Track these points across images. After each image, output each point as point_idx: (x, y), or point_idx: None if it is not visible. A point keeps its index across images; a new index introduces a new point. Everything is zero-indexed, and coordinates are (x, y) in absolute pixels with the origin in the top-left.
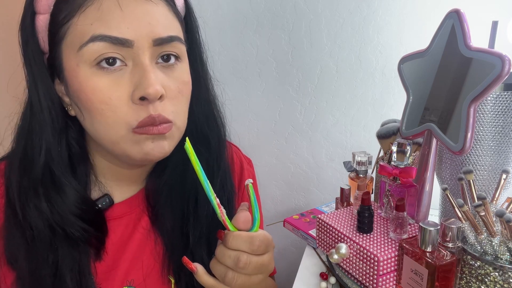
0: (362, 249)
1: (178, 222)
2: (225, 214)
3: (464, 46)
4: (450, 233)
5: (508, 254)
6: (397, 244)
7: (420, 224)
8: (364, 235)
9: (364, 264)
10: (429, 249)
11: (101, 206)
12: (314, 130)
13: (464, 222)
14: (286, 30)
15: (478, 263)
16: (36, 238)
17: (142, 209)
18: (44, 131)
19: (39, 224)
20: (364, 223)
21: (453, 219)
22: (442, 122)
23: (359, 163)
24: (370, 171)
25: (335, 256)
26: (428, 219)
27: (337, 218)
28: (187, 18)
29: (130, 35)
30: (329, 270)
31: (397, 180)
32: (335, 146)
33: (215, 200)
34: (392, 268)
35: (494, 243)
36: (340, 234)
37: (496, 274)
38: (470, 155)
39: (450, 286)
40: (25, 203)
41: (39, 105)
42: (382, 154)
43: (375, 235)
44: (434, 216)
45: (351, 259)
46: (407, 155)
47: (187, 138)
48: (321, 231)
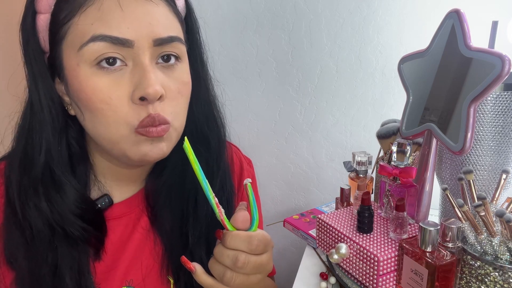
0: (362, 249)
1: (177, 222)
2: (223, 214)
3: (464, 46)
4: (450, 233)
5: (508, 254)
6: (397, 244)
7: (420, 224)
8: (364, 235)
9: (364, 264)
10: (429, 249)
11: (100, 206)
12: (314, 130)
13: (464, 222)
14: (286, 30)
15: (478, 263)
16: (35, 237)
17: (141, 209)
18: (44, 130)
19: (39, 223)
20: (364, 223)
21: (453, 219)
22: (442, 122)
23: (359, 163)
24: (370, 171)
25: (335, 256)
26: (428, 219)
27: (337, 218)
28: (188, 18)
29: (130, 35)
30: (329, 270)
31: (397, 180)
32: (335, 146)
33: (213, 199)
34: (392, 268)
35: (494, 243)
36: (340, 234)
37: (496, 274)
38: (470, 155)
39: (450, 286)
40: (24, 202)
41: (40, 104)
42: (382, 154)
43: (375, 235)
44: (434, 216)
45: (351, 259)
46: (407, 155)
47: (186, 138)
48: (321, 231)
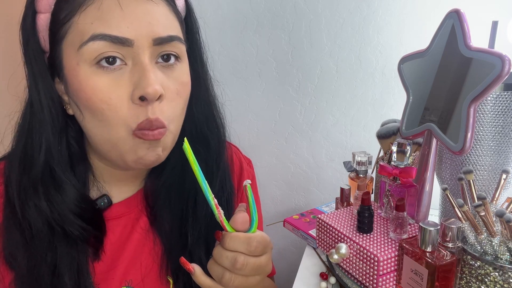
0: (362, 249)
1: (176, 223)
2: (223, 215)
3: (464, 46)
4: (450, 233)
5: (508, 254)
6: (397, 244)
7: (420, 224)
8: (364, 235)
9: (364, 264)
10: (429, 249)
11: (99, 206)
12: (314, 130)
13: (464, 222)
14: (286, 30)
15: (478, 263)
16: (35, 236)
17: (140, 209)
18: (44, 129)
19: (38, 223)
20: (364, 223)
21: (453, 219)
22: (442, 122)
23: (359, 163)
24: (370, 171)
25: (335, 256)
26: (428, 219)
27: (337, 218)
28: (188, 18)
29: (130, 35)
30: (329, 270)
31: (397, 180)
32: (335, 146)
33: (213, 200)
34: (392, 268)
35: (494, 243)
36: (340, 234)
37: (496, 274)
38: (470, 155)
39: (450, 286)
40: (24, 202)
41: (40, 104)
42: (382, 154)
43: (375, 235)
44: (434, 216)
45: (351, 259)
46: (407, 155)
47: (186, 139)
48: (321, 231)
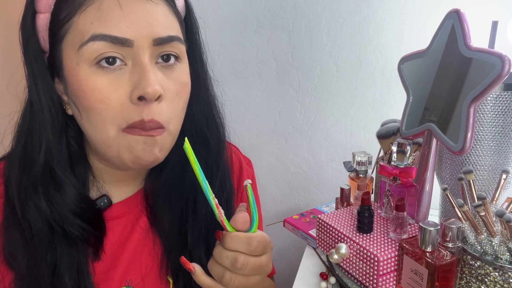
0: (362, 249)
1: (176, 223)
2: (223, 215)
3: (464, 46)
4: (450, 233)
5: (508, 254)
6: (397, 244)
7: (420, 224)
8: (364, 235)
9: (364, 264)
10: (429, 249)
11: (99, 206)
12: (314, 130)
13: (464, 222)
14: (286, 30)
15: (478, 263)
16: (34, 236)
17: (140, 209)
18: (44, 129)
19: (38, 223)
20: (364, 223)
21: (453, 219)
22: (442, 122)
23: (359, 163)
24: (370, 171)
25: (335, 256)
26: (428, 219)
27: (337, 218)
28: (187, 18)
29: (130, 35)
30: (329, 270)
31: (397, 180)
32: (335, 146)
33: (213, 200)
34: (392, 268)
35: (494, 243)
36: (340, 234)
37: (496, 274)
38: (470, 155)
39: (450, 286)
40: (24, 202)
41: (39, 104)
42: (382, 154)
43: (375, 235)
44: (434, 216)
45: (351, 259)
46: (407, 155)
47: (186, 138)
48: (321, 231)
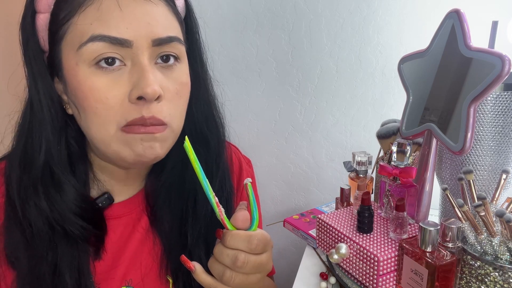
0: (362, 249)
1: (176, 222)
2: (223, 213)
3: (464, 46)
4: (450, 233)
5: (508, 254)
6: (397, 244)
7: (420, 224)
8: (364, 235)
9: (364, 264)
10: (429, 249)
11: (101, 205)
12: (314, 130)
13: (464, 222)
14: (286, 30)
15: (478, 263)
16: (35, 236)
17: (142, 209)
18: (44, 129)
19: (39, 222)
20: (364, 223)
21: (453, 219)
22: (442, 122)
23: (359, 163)
24: (370, 171)
25: (335, 256)
26: (428, 219)
27: (337, 218)
28: (187, 18)
29: (129, 35)
30: (329, 270)
31: (397, 180)
32: (335, 146)
33: (214, 199)
34: (392, 268)
35: (494, 243)
36: (340, 234)
37: (496, 274)
38: (470, 155)
39: (450, 286)
40: (25, 201)
41: (39, 103)
42: (382, 154)
43: (375, 235)
44: (434, 216)
45: (351, 259)
46: (407, 155)
47: (187, 137)
48: (321, 231)
